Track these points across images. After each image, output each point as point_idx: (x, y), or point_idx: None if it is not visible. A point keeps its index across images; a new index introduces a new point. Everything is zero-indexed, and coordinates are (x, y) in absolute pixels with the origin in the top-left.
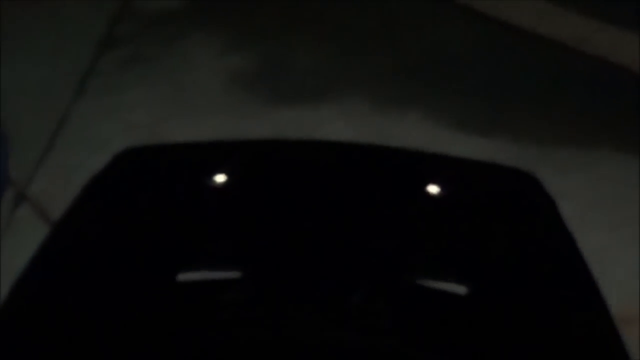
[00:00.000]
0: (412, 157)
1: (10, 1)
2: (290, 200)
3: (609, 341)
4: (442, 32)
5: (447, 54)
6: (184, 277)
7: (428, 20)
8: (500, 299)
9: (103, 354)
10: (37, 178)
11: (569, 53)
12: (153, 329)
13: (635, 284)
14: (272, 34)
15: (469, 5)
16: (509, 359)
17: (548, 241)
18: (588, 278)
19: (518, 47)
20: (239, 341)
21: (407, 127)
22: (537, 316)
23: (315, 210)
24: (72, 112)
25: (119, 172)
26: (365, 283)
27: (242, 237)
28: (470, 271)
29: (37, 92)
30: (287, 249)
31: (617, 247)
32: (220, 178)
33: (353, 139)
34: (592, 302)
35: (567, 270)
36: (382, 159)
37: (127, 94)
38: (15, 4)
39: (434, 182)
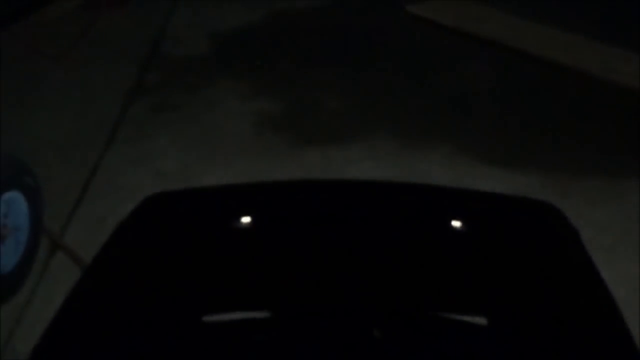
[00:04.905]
0: (436, 192)
1: (42, 55)
2: (316, 241)
3: None
4: (466, 66)
5: (471, 89)
6: (211, 320)
7: (451, 55)
8: (524, 332)
9: None
10: (71, 227)
11: (595, 83)
12: None
13: None
14: (298, 77)
15: (490, 39)
16: None
17: (572, 272)
18: (612, 309)
19: (543, 78)
20: None
21: (434, 164)
22: (562, 348)
23: (339, 250)
24: (103, 161)
25: (146, 217)
26: (387, 321)
27: (269, 280)
28: (494, 306)
29: (68, 143)
30: (311, 291)
31: None
32: (247, 221)
33: (381, 177)
34: (616, 333)
35: (592, 302)
36: (406, 196)
37: (157, 140)
38: (45, 56)
39: (458, 217)
